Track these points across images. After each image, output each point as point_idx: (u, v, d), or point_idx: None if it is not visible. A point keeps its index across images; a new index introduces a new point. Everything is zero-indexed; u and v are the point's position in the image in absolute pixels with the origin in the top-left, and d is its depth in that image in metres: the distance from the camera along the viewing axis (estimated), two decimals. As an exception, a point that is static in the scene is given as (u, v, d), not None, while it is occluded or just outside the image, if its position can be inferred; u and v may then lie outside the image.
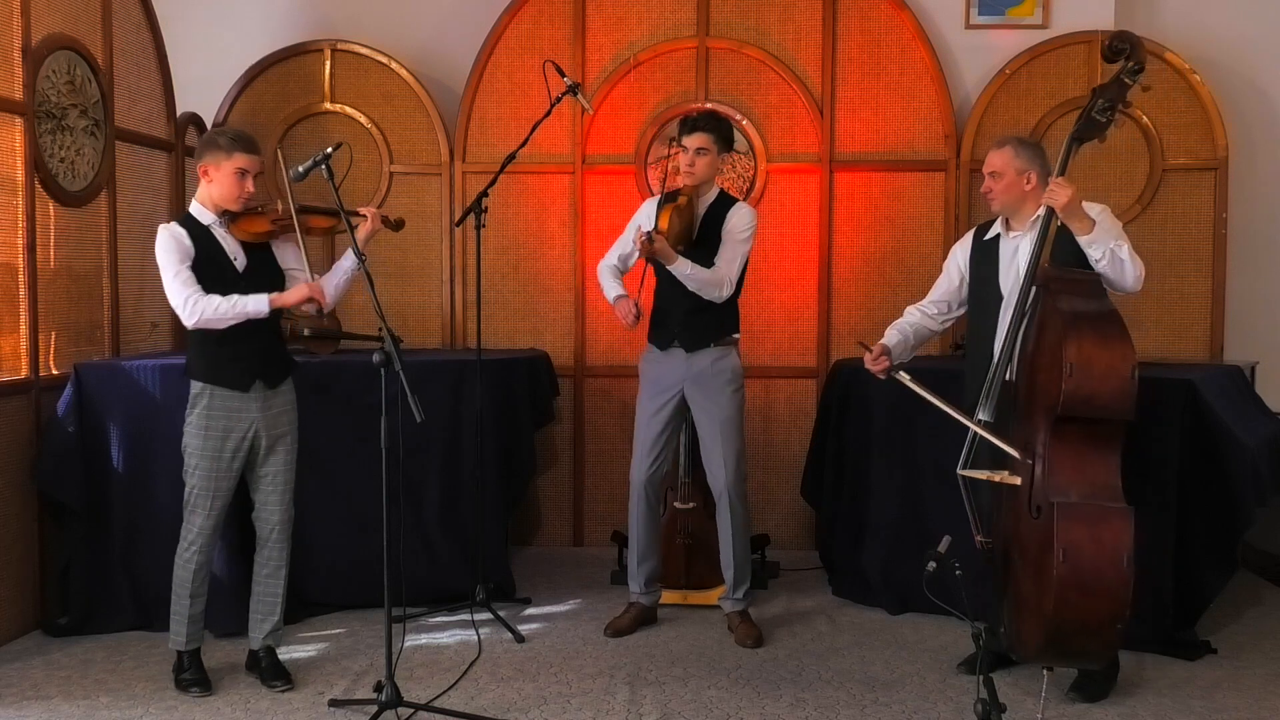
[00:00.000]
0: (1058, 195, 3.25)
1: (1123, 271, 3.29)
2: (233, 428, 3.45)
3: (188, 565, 3.49)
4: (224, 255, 3.44)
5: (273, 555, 3.59)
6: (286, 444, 3.57)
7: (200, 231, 3.44)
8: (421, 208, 5.41)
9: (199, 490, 3.46)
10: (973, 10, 5.37)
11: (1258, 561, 4.79)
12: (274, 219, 3.50)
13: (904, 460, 4.36)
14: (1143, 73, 3.33)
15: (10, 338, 4.00)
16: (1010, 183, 3.50)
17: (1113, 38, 3.38)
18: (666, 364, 4.04)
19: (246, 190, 3.43)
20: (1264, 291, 5.36)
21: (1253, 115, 5.37)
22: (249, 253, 3.49)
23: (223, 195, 3.43)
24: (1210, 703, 3.47)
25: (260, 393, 3.48)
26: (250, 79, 5.42)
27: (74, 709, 3.40)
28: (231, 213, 3.46)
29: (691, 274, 3.88)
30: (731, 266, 3.95)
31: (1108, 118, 3.33)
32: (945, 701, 3.46)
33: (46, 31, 4.13)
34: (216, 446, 3.44)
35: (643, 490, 4.06)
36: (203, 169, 3.44)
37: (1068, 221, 3.29)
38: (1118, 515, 3.01)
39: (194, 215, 3.47)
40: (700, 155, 3.92)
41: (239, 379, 3.44)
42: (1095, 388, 3.01)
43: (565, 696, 3.50)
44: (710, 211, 4.00)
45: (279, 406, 3.54)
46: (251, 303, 3.37)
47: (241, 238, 3.47)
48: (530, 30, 5.37)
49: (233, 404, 3.44)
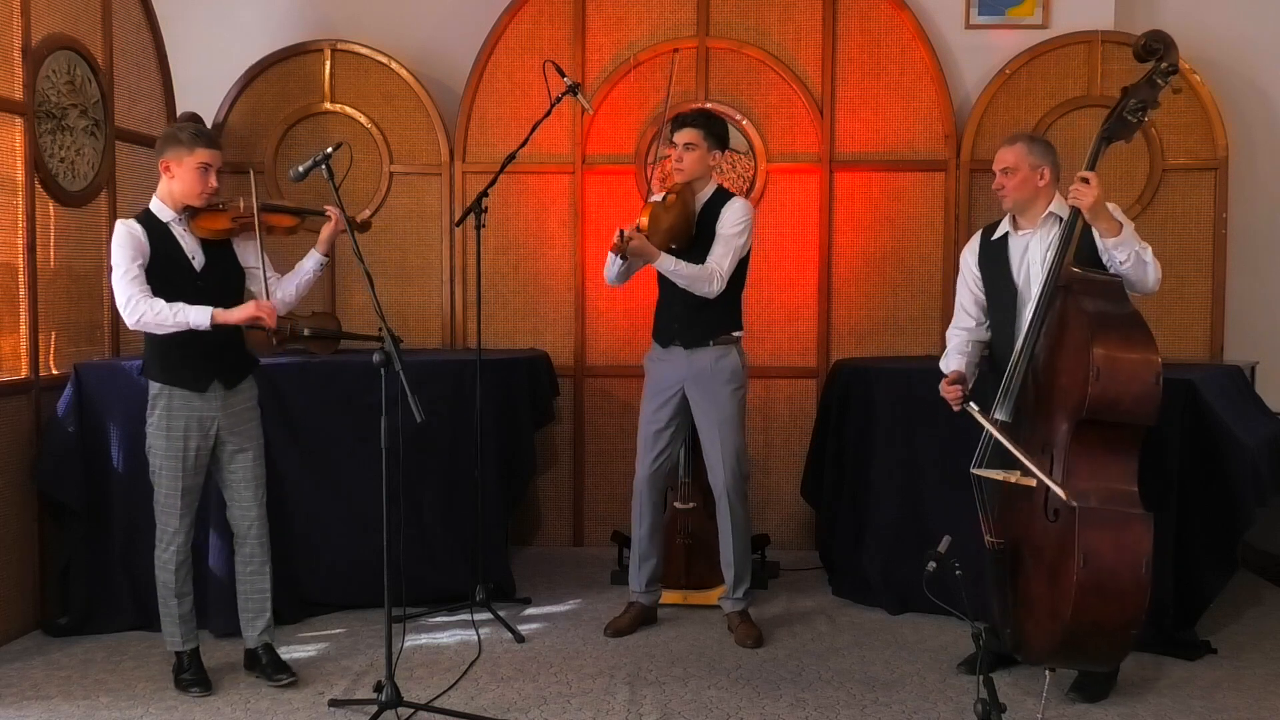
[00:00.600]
0: (1084, 195, 3.21)
1: (1146, 274, 3.28)
2: (193, 428, 3.43)
3: (167, 567, 3.49)
4: (181, 253, 3.41)
5: (254, 552, 3.59)
6: (252, 441, 3.55)
7: (159, 228, 3.40)
8: (421, 208, 5.41)
9: (167, 491, 3.46)
10: (973, 10, 5.37)
11: (1258, 561, 4.79)
12: (235, 216, 3.45)
13: (904, 460, 4.36)
14: (1176, 74, 3.31)
15: (10, 338, 4.00)
16: (1024, 178, 3.47)
17: (1147, 37, 3.34)
18: (668, 362, 4.04)
19: (209, 185, 3.40)
20: (1264, 291, 5.36)
21: (1253, 115, 5.37)
22: (208, 251, 3.46)
23: (185, 191, 3.40)
24: (1210, 703, 3.46)
25: (218, 392, 3.46)
26: (250, 79, 5.42)
27: (74, 709, 3.40)
28: (192, 209, 3.42)
29: (675, 269, 3.88)
30: (722, 262, 3.92)
31: (1139, 118, 3.31)
32: (945, 701, 3.46)
33: (46, 31, 4.13)
34: (179, 447, 3.42)
35: (645, 488, 4.06)
36: (164, 164, 3.40)
37: (1093, 222, 3.26)
38: (1139, 521, 3.01)
39: (153, 212, 3.44)
40: (689, 150, 3.92)
41: (194, 379, 3.42)
42: (1120, 391, 3.00)
43: (565, 696, 3.50)
44: (707, 208, 3.99)
45: (239, 405, 3.52)
46: (194, 314, 3.30)
47: (201, 235, 3.44)
48: (530, 30, 5.37)
49: (192, 404, 3.42)
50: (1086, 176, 3.23)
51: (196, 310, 3.31)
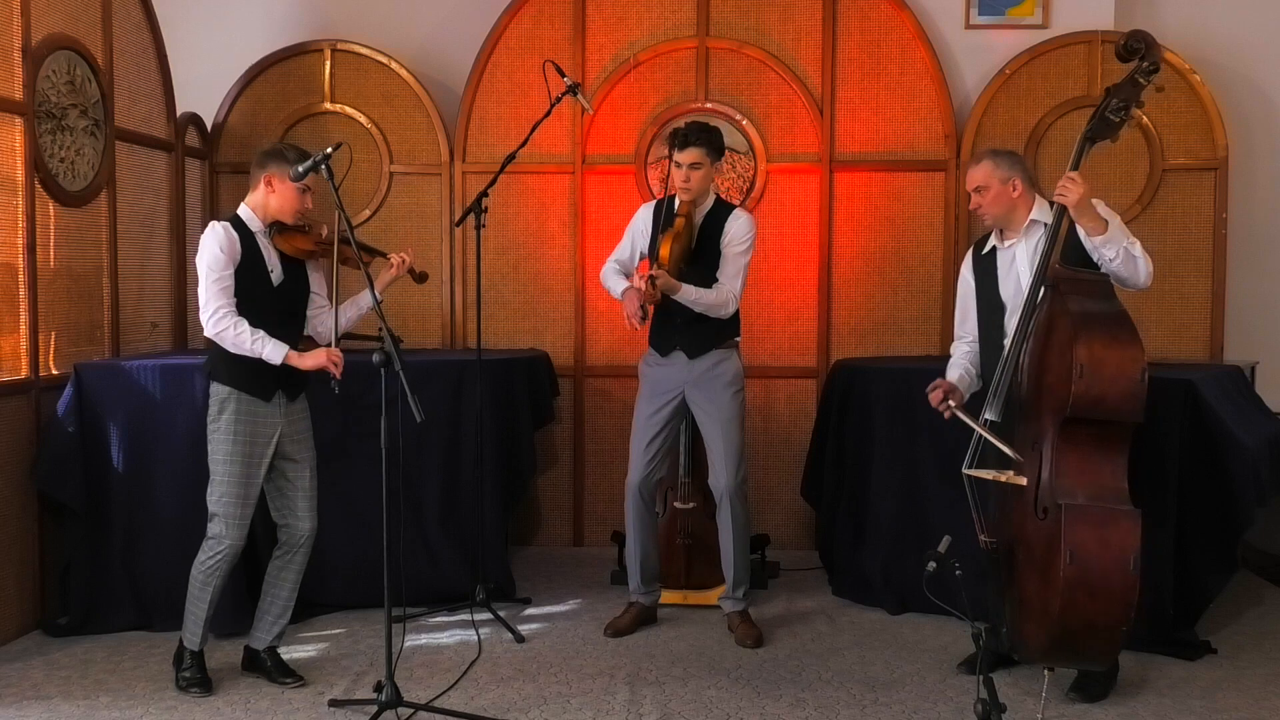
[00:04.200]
0: (1069, 192, 3.22)
1: (1136, 269, 3.28)
2: (259, 434, 3.44)
3: (213, 573, 3.45)
4: (263, 265, 3.47)
5: (299, 562, 3.57)
6: (309, 454, 3.57)
7: (247, 236, 3.45)
8: (421, 208, 5.41)
9: (228, 498, 3.41)
10: (973, 10, 5.38)
11: (1258, 561, 4.80)
12: (317, 241, 3.53)
13: (904, 460, 4.36)
14: (1158, 73, 3.31)
15: (10, 338, 4.00)
16: (997, 193, 3.49)
17: (1128, 37, 3.34)
18: (668, 368, 4.03)
19: (306, 206, 3.49)
20: (1264, 291, 5.36)
21: (1253, 115, 5.37)
22: (285, 267, 3.51)
23: (281, 207, 3.46)
24: (1210, 703, 3.46)
25: (281, 403, 3.48)
26: (250, 79, 5.42)
27: (74, 709, 3.40)
28: (280, 225, 3.48)
29: (697, 299, 3.88)
30: (735, 282, 3.95)
31: (1121, 118, 3.31)
32: (945, 701, 3.46)
33: (46, 31, 4.13)
34: (245, 452, 3.42)
35: (636, 493, 4.05)
36: (267, 178, 3.45)
37: (1079, 220, 3.26)
38: (1125, 518, 3.01)
39: (243, 219, 3.48)
40: (695, 170, 3.89)
41: (263, 388, 3.43)
42: (1105, 389, 3.01)
43: (565, 696, 3.50)
44: (707, 220, 3.99)
45: (298, 416, 3.55)
46: (269, 349, 3.35)
47: (285, 250, 3.49)
48: (530, 30, 5.37)
49: (258, 411, 3.44)
50: (1072, 176, 3.24)
51: (274, 345, 3.35)
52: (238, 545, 3.45)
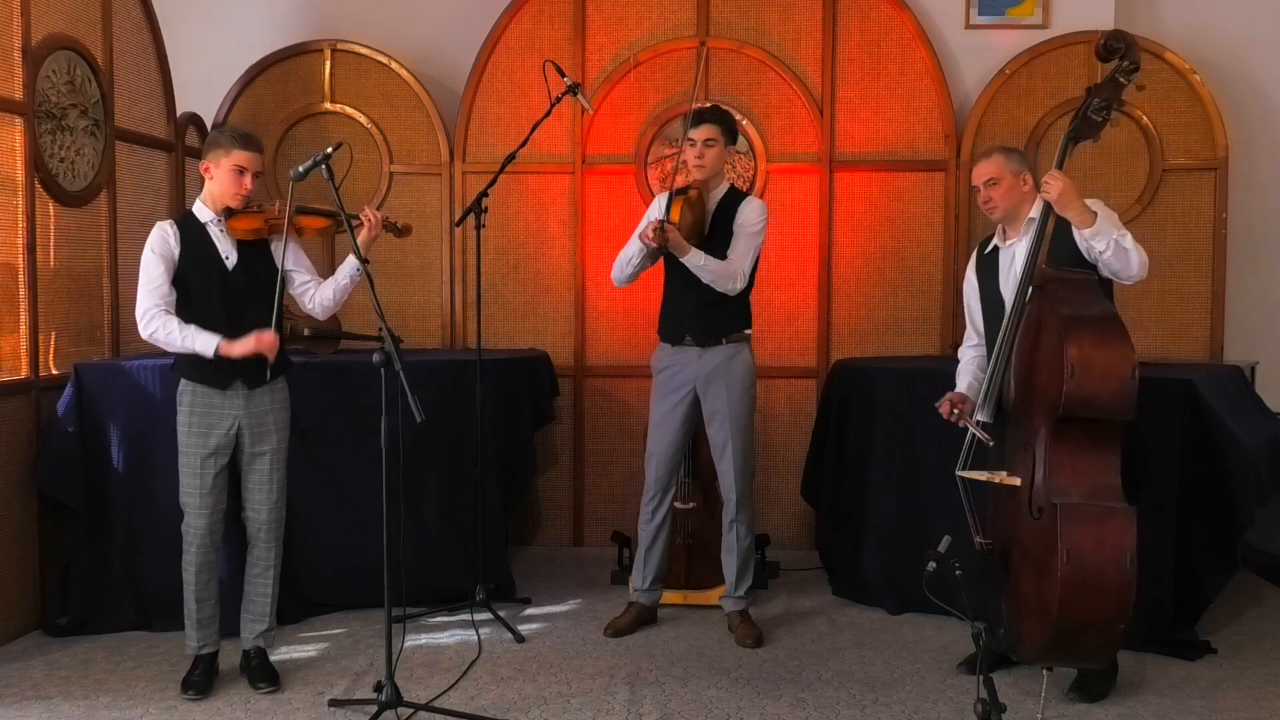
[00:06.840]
0: (1051, 187, 3.25)
1: (1128, 260, 3.28)
2: (214, 425, 3.47)
3: (188, 567, 3.52)
4: (215, 252, 3.48)
5: (261, 555, 3.60)
6: (273, 444, 3.56)
7: (195, 228, 3.48)
8: (421, 208, 5.41)
9: (187, 488, 3.49)
10: (973, 10, 5.38)
11: (1258, 561, 4.80)
12: (268, 218, 3.54)
13: (904, 460, 4.36)
14: (1138, 72, 3.33)
15: (10, 338, 4.00)
16: (1010, 186, 3.50)
17: (1107, 37, 3.37)
18: (678, 361, 4.01)
19: (245, 187, 3.47)
20: (1264, 291, 5.36)
21: (1253, 115, 5.37)
22: (243, 251, 3.52)
23: (221, 192, 3.47)
24: (1210, 703, 3.47)
25: (240, 392, 3.49)
26: (250, 79, 5.42)
27: (74, 709, 3.40)
28: (229, 210, 3.50)
29: (705, 265, 3.86)
30: (745, 259, 3.93)
31: (1103, 117, 3.33)
32: (945, 701, 3.46)
33: (46, 31, 4.13)
34: (200, 443, 3.47)
35: (660, 490, 4.04)
36: (204, 166, 3.50)
37: (1066, 214, 3.28)
38: (1120, 515, 3.02)
39: (194, 213, 3.53)
40: (709, 146, 3.90)
41: (216, 377, 3.46)
42: (1096, 388, 3.01)
43: (565, 696, 3.50)
44: (720, 206, 3.98)
45: (264, 406, 3.54)
46: (200, 342, 3.38)
47: (236, 235, 3.50)
48: (530, 30, 5.37)
49: (214, 402, 3.47)
50: (1054, 173, 3.28)
51: (204, 338, 3.38)
52: (203, 535, 3.49)
